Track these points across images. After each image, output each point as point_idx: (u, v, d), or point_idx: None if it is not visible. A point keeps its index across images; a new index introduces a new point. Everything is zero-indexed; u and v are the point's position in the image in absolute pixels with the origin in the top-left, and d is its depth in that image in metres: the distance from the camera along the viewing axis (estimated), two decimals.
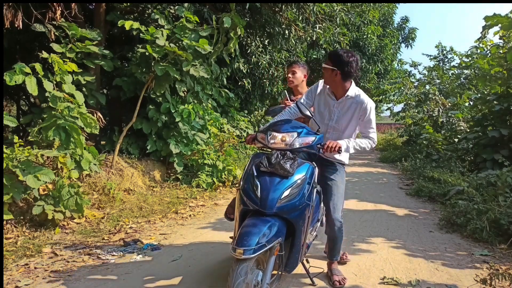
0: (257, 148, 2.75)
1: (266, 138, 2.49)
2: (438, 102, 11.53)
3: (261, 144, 2.56)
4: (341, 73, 2.60)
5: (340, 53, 2.61)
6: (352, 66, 2.58)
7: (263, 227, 2.10)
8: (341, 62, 2.58)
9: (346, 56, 2.58)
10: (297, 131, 2.47)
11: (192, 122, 6.62)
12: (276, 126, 2.54)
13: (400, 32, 22.66)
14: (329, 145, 2.52)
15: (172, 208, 5.21)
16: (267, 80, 11.11)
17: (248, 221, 2.20)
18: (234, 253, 1.98)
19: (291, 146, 2.42)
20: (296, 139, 2.43)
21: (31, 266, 3.15)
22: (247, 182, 2.32)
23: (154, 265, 3.22)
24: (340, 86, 2.71)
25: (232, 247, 2.03)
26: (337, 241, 2.85)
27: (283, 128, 2.50)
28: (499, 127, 6.94)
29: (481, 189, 4.96)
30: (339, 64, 2.59)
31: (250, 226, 2.12)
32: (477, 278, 2.71)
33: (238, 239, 2.04)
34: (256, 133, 2.65)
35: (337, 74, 2.62)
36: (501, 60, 7.40)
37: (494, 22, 6.60)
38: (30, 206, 4.02)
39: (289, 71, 3.33)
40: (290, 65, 3.37)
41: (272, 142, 2.45)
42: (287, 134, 2.45)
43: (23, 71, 4.14)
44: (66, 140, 4.32)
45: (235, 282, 1.95)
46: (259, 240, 2.02)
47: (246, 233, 2.05)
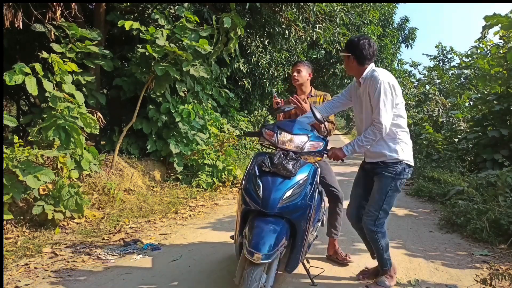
0: (261, 144, 2.69)
1: (275, 136, 2.45)
2: (438, 102, 11.52)
3: (267, 141, 2.53)
4: (355, 57, 2.59)
5: (351, 39, 2.64)
6: (364, 47, 2.54)
7: (277, 229, 2.11)
8: (353, 46, 2.59)
9: (356, 40, 2.59)
10: (307, 134, 2.46)
11: (192, 122, 6.62)
12: (285, 125, 2.51)
13: (400, 32, 22.67)
14: (329, 155, 2.55)
15: (172, 208, 5.21)
16: (267, 80, 11.12)
17: (259, 222, 2.16)
18: (252, 258, 1.96)
19: (301, 149, 2.42)
20: (307, 143, 2.43)
21: (31, 266, 3.15)
22: (249, 182, 2.32)
23: (154, 265, 3.22)
24: (359, 72, 2.62)
25: (248, 251, 1.99)
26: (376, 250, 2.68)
27: (294, 129, 2.46)
28: (499, 127, 6.93)
29: (481, 189, 4.96)
30: (352, 49, 2.60)
31: (264, 229, 2.10)
32: (477, 278, 2.71)
33: (253, 243, 2.01)
34: (262, 127, 2.57)
35: (353, 60, 2.60)
36: (501, 60, 7.40)
37: (494, 22, 6.60)
38: (30, 206, 4.02)
39: (294, 70, 3.29)
40: (295, 64, 3.33)
41: (281, 142, 2.43)
42: (298, 137, 2.44)
43: (23, 71, 4.14)
44: (66, 140, 4.31)
45: (250, 287, 1.95)
46: (274, 243, 2.03)
47: (262, 237, 2.04)
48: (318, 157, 2.54)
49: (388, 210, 2.61)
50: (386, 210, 2.60)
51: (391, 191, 2.56)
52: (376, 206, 2.59)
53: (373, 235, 2.62)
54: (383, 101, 2.43)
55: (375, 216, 2.59)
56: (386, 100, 2.43)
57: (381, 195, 2.57)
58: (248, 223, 2.23)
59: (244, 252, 2.03)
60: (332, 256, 3.30)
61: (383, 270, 2.74)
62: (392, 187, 2.55)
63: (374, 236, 2.62)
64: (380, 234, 2.61)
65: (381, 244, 2.63)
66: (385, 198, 2.56)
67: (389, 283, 2.71)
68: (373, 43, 2.61)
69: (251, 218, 2.26)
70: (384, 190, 2.56)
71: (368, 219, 2.61)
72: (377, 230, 2.60)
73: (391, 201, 2.60)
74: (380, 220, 2.59)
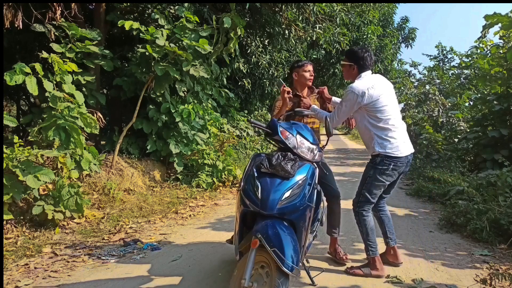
0: (267, 139, 2.69)
1: (292, 138, 2.47)
2: (438, 102, 11.51)
3: (276, 139, 2.52)
4: (358, 67, 2.93)
5: (355, 50, 2.97)
6: (367, 59, 2.91)
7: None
8: (357, 57, 2.92)
9: (361, 52, 2.93)
10: (318, 144, 2.61)
11: (192, 122, 6.62)
12: (304, 131, 2.58)
13: (400, 32, 22.66)
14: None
15: (172, 208, 5.21)
16: (267, 80, 11.12)
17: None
18: (291, 273, 2.00)
19: (314, 159, 2.52)
20: (319, 153, 2.57)
21: (31, 266, 3.15)
22: (247, 183, 2.31)
23: (154, 265, 3.22)
24: (355, 78, 2.96)
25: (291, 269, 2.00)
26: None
27: (312, 138, 2.59)
28: (499, 127, 6.93)
29: (481, 189, 4.96)
30: (355, 60, 2.93)
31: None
32: (477, 278, 2.70)
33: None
34: (274, 123, 2.54)
35: (354, 68, 2.95)
36: (501, 60, 7.39)
37: (494, 21, 6.58)
38: (30, 206, 4.02)
39: (307, 70, 3.25)
40: (303, 65, 3.27)
41: (298, 146, 2.46)
42: (315, 146, 2.56)
43: (23, 71, 4.14)
44: (66, 140, 4.32)
45: None
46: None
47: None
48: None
49: (369, 197, 2.93)
50: (366, 196, 2.93)
51: (370, 178, 2.92)
52: (358, 190, 3.00)
53: (356, 216, 3.01)
54: (343, 104, 2.88)
55: (357, 199, 3.00)
56: (345, 103, 2.86)
57: (362, 181, 2.98)
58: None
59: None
60: (332, 252, 3.34)
61: (367, 255, 3.01)
62: (371, 175, 2.91)
63: (356, 217, 3.01)
64: (362, 218, 2.95)
65: (362, 228, 2.97)
66: (365, 184, 2.94)
67: (371, 272, 2.94)
68: (373, 54, 3.01)
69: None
70: (364, 176, 2.97)
71: (353, 202, 3.04)
72: (358, 211, 2.96)
73: (371, 188, 2.92)
74: (360, 203, 2.96)
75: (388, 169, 2.85)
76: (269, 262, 2.11)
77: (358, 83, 2.85)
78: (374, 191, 2.93)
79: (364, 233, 2.95)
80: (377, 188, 2.92)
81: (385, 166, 2.85)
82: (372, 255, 2.95)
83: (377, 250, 2.96)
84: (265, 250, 2.04)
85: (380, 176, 2.87)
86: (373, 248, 2.95)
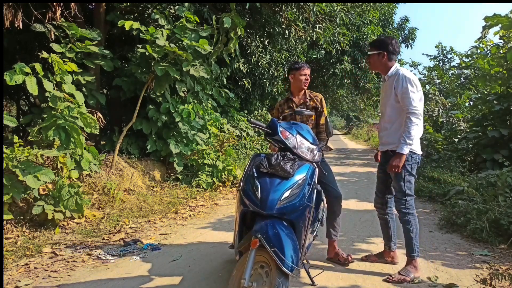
0: (267, 139, 2.68)
1: (292, 139, 2.47)
2: (438, 102, 11.51)
3: (276, 139, 2.52)
4: (387, 53, 2.95)
5: (383, 38, 3.05)
6: (395, 46, 2.96)
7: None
8: (386, 44, 2.96)
9: (388, 39, 2.99)
10: (317, 144, 2.60)
11: (192, 122, 6.62)
12: (303, 131, 2.58)
13: (400, 32, 22.63)
14: (392, 166, 2.80)
15: (172, 208, 5.21)
16: (267, 80, 11.12)
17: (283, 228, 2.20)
18: (291, 273, 2.00)
19: (314, 159, 2.52)
20: (318, 153, 2.57)
21: (31, 266, 3.15)
22: (247, 183, 2.32)
23: (154, 265, 3.22)
24: (385, 68, 2.99)
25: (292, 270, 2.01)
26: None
27: (312, 138, 2.59)
28: (499, 127, 6.93)
29: (481, 189, 4.96)
30: (385, 47, 2.95)
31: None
32: (477, 278, 2.70)
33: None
34: (274, 123, 2.53)
35: (384, 56, 2.96)
36: (501, 60, 7.39)
37: (494, 22, 6.59)
38: (30, 206, 4.02)
39: (303, 73, 3.24)
40: (300, 68, 3.25)
41: (298, 148, 2.47)
42: (316, 147, 2.56)
43: (23, 71, 4.14)
44: (66, 140, 4.32)
45: None
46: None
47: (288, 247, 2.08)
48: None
49: (412, 193, 2.91)
50: (410, 194, 2.90)
51: (407, 175, 2.87)
52: (401, 192, 2.90)
53: (405, 217, 2.90)
54: (411, 93, 2.77)
55: (404, 200, 2.90)
56: (413, 90, 2.78)
57: (400, 181, 2.88)
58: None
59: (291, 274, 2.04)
60: (333, 258, 3.26)
61: (410, 257, 2.92)
62: (406, 172, 2.86)
63: (406, 218, 2.90)
64: (412, 216, 2.90)
65: (412, 227, 2.89)
66: (405, 183, 2.87)
67: (414, 273, 2.86)
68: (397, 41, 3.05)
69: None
70: (400, 176, 2.87)
71: (399, 205, 2.93)
72: (409, 211, 2.89)
73: (411, 185, 2.90)
74: (409, 202, 2.90)
75: (417, 164, 2.91)
76: (268, 262, 2.11)
77: (407, 71, 2.87)
78: (412, 187, 2.93)
79: (414, 233, 2.90)
80: (412, 183, 2.93)
81: (414, 162, 2.89)
82: (416, 257, 2.93)
83: (419, 250, 2.98)
84: (265, 250, 2.04)
85: (412, 170, 2.90)
86: (418, 249, 2.94)
